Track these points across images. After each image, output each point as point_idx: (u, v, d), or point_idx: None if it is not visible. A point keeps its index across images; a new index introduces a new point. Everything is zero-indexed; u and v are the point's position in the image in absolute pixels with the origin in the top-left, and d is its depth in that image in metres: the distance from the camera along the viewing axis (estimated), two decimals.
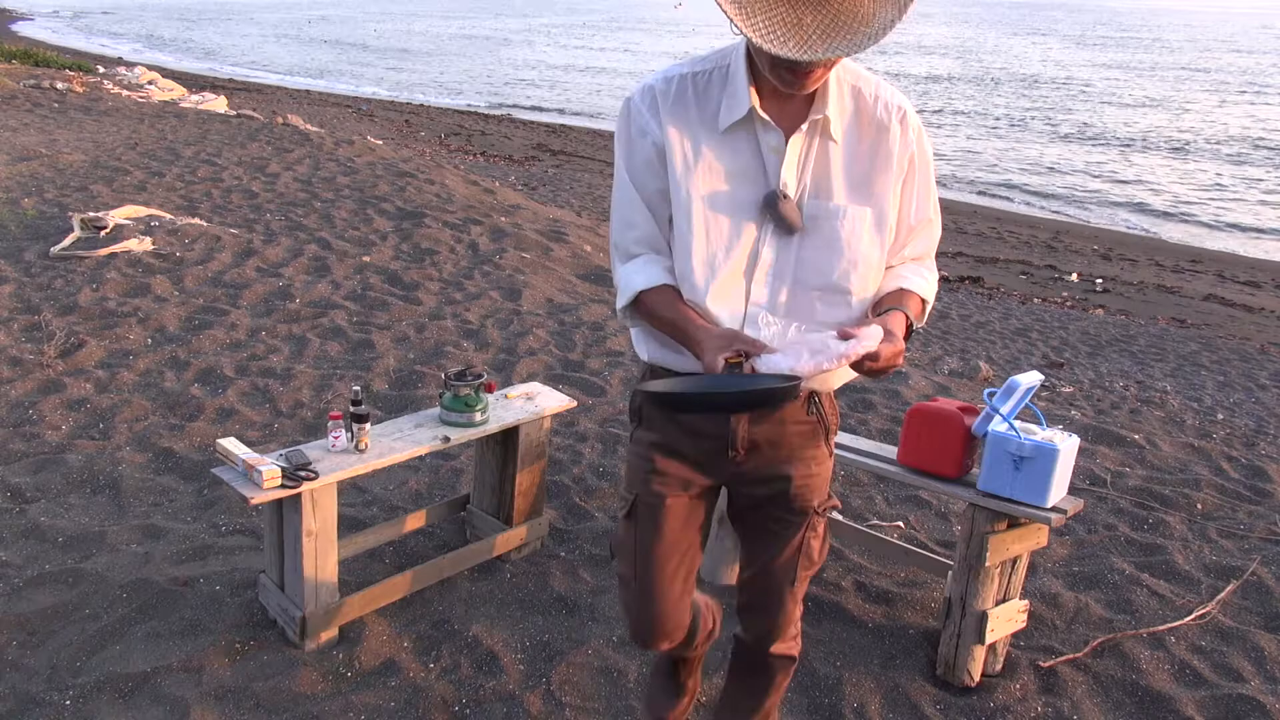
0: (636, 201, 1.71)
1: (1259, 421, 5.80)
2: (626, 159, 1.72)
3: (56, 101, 13.03)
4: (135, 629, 2.71)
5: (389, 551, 3.21)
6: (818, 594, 3.09)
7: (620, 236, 1.76)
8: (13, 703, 2.40)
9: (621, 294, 1.74)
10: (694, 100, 1.67)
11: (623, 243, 1.75)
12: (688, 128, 1.66)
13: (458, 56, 37.78)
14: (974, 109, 27.36)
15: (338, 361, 4.87)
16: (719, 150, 1.66)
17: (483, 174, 12.29)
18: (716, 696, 2.42)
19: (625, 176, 1.72)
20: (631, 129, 1.70)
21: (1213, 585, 3.32)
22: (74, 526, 3.23)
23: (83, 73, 17.87)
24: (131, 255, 6.14)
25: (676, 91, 1.67)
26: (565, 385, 4.70)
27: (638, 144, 1.70)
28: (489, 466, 3.20)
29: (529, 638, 2.80)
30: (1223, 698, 2.71)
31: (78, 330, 4.97)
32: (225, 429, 4.05)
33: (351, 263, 6.42)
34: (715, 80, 1.67)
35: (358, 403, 2.71)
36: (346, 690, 2.54)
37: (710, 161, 1.66)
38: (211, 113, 13.38)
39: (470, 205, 8.21)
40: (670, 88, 1.68)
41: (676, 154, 1.66)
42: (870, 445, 3.00)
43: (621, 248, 1.76)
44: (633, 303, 1.73)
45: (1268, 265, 12.87)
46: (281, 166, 9.20)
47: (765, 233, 1.67)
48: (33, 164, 8.68)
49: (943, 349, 7.61)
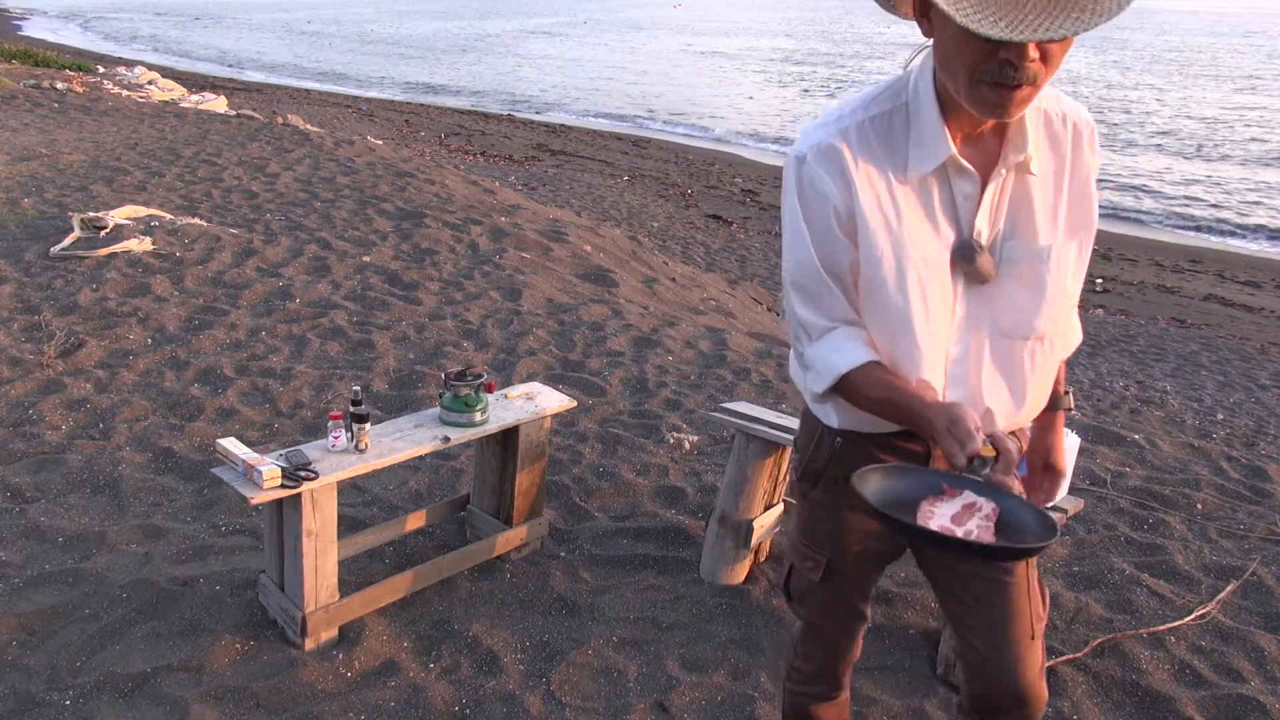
0: (820, 275, 1.51)
1: (1259, 421, 5.80)
2: (808, 228, 1.50)
3: (56, 101, 13.03)
4: (135, 629, 2.71)
5: (389, 551, 3.21)
6: None
7: (806, 314, 1.55)
8: (13, 703, 2.40)
9: (819, 378, 1.54)
10: (879, 149, 1.47)
11: (811, 321, 1.55)
12: (876, 184, 1.47)
13: (458, 56, 37.78)
14: None
15: (338, 361, 4.88)
16: (909, 202, 1.47)
17: (483, 174, 12.30)
18: None
19: (807, 248, 1.50)
20: (809, 193, 1.48)
21: (1213, 585, 3.32)
22: (74, 526, 3.23)
23: (83, 73, 17.87)
24: (131, 255, 6.14)
25: (858, 143, 1.47)
26: (565, 385, 4.70)
27: (817, 210, 1.48)
28: (489, 466, 3.20)
29: (529, 638, 2.80)
30: (1223, 698, 2.71)
31: (78, 330, 4.97)
32: (225, 429, 4.05)
33: (351, 263, 6.42)
34: (896, 124, 1.47)
35: (358, 403, 2.71)
36: (346, 690, 2.54)
37: (902, 216, 1.47)
38: (211, 113, 13.38)
39: (470, 205, 8.21)
40: (850, 141, 1.47)
41: (868, 215, 1.46)
42: None
43: (809, 326, 1.55)
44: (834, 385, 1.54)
45: (1268, 265, 12.87)
46: (281, 166, 9.20)
47: (958, 286, 1.50)
48: (33, 164, 8.68)
49: None
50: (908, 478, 1.48)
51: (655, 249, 9.20)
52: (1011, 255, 1.50)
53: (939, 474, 1.48)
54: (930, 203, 1.48)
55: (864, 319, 1.53)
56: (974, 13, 1.22)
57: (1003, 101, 1.32)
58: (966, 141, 1.47)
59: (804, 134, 1.51)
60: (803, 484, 1.77)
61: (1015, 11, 1.22)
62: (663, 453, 4.07)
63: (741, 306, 7.35)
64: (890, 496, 1.44)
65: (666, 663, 2.72)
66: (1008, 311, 1.52)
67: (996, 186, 1.48)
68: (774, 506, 3.18)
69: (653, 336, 5.47)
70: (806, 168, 1.48)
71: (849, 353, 1.51)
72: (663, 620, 2.92)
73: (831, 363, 1.52)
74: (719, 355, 5.28)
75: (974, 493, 1.44)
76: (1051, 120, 1.50)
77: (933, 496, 1.45)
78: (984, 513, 1.42)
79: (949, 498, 1.45)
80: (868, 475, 1.45)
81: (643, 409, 4.52)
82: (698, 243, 10.90)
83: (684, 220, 12.16)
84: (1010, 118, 1.36)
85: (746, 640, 2.84)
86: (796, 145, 1.51)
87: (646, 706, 2.54)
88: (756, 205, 13.79)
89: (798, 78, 32.71)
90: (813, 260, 1.51)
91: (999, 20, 1.21)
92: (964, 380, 1.54)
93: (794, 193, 1.50)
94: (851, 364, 1.50)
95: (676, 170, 16.17)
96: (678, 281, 7.50)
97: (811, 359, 1.56)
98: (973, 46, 1.29)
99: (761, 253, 10.76)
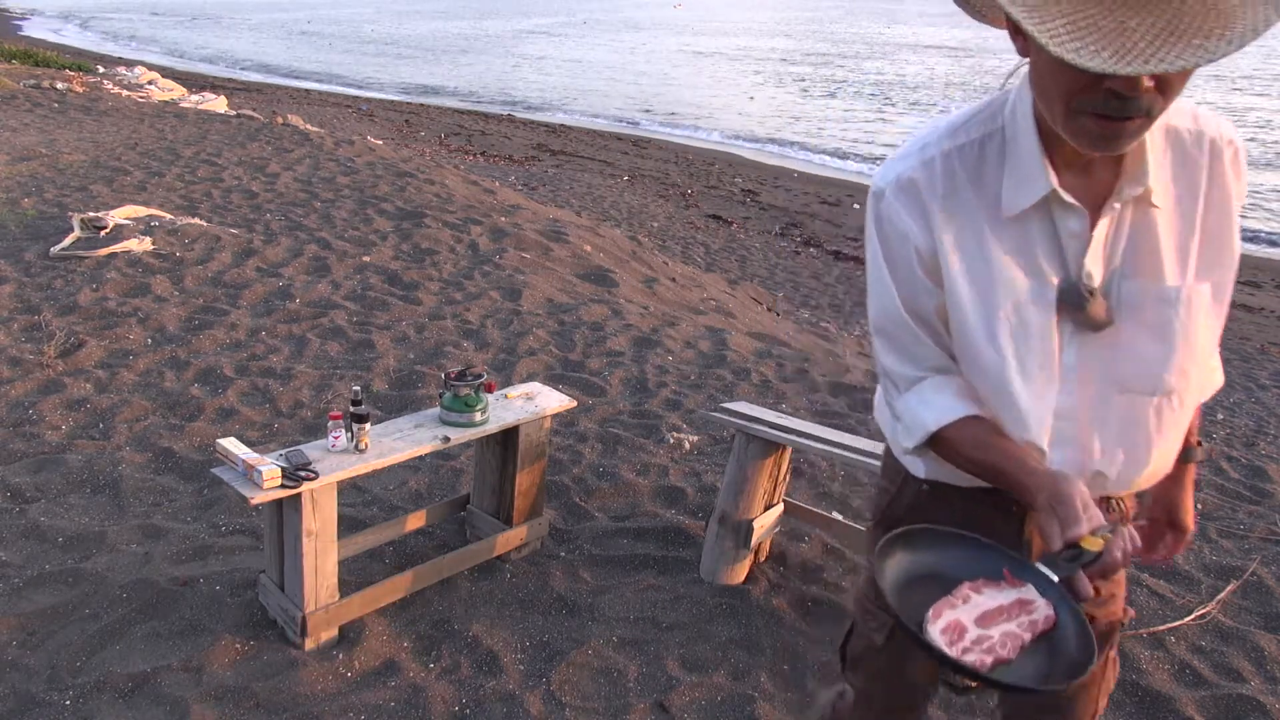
0: (906, 321, 1.36)
1: (1259, 421, 5.80)
2: (889, 269, 1.35)
3: (56, 101, 13.03)
4: (135, 629, 2.71)
5: (389, 551, 3.22)
6: (818, 594, 3.09)
7: (892, 362, 1.40)
8: (13, 703, 2.40)
9: (908, 433, 1.40)
10: (966, 183, 1.30)
11: (898, 371, 1.40)
12: (963, 222, 1.31)
13: (458, 56, 37.78)
14: None
15: (338, 361, 4.88)
16: (1004, 241, 1.30)
17: (483, 174, 12.30)
18: None
19: (889, 291, 1.36)
20: (889, 232, 1.34)
21: (1213, 585, 3.32)
22: (74, 526, 3.23)
23: (83, 73, 17.87)
24: (131, 255, 6.14)
25: (943, 177, 1.30)
26: (565, 385, 4.70)
27: (899, 252, 1.33)
28: (489, 466, 3.20)
29: (529, 638, 2.80)
30: (1223, 698, 2.71)
31: (78, 330, 4.97)
32: (225, 429, 4.05)
33: (351, 263, 6.42)
34: (989, 153, 1.30)
35: (358, 403, 2.71)
36: (346, 690, 2.54)
37: (994, 256, 1.30)
38: (211, 113, 13.37)
39: (470, 205, 8.21)
40: (934, 175, 1.30)
41: (952, 257, 1.31)
42: (870, 445, 3.00)
43: (896, 376, 1.40)
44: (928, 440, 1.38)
45: (1268, 265, 12.87)
46: (281, 166, 9.19)
47: (1065, 332, 1.31)
48: (33, 164, 8.68)
49: None
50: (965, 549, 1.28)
51: (655, 249, 9.20)
52: (1131, 298, 1.29)
53: (1005, 555, 1.26)
54: (1028, 242, 1.29)
55: (961, 367, 1.37)
56: (1069, 39, 1.03)
57: (1108, 135, 1.14)
58: (1073, 170, 1.27)
59: (884, 166, 1.36)
60: (877, 530, 1.61)
61: (1122, 39, 1.02)
62: (663, 453, 4.07)
63: (741, 306, 7.34)
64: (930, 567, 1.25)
65: (666, 663, 2.72)
66: (1128, 363, 1.32)
67: (1109, 223, 1.28)
68: (774, 506, 3.18)
69: (653, 336, 5.47)
70: (885, 204, 1.33)
71: (940, 407, 1.36)
72: (663, 620, 2.92)
73: (920, 418, 1.37)
74: (719, 355, 5.28)
75: (1037, 589, 1.22)
76: (1182, 139, 1.28)
77: (984, 580, 1.24)
78: (1032, 617, 1.21)
79: (1003, 587, 1.24)
80: (913, 536, 1.28)
81: (643, 409, 4.52)
82: (698, 243, 10.90)
83: (684, 220, 12.15)
84: (1118, 152, 1.18)
85: (746, 640, 2.84)
86: (876, 178, 1.36)
87: (646, 706, 2.54)
88: (756, 205, 13.79)
89: (798, 78, 32.72)
90: (896, 305, 1.36)
91: (1101, 50, 1.01)
92: (1071, 439, 1.34)
93: (874, 231, 1.36)
94: (942, 420, 1.35)
95: (676, 170, 16.17)
96: (678, 281, 7.50)
97: (900, 411, 1.41)
98: (1070, 74, 1.10)
99: (761, 253, 10.76)
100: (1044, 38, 1.03)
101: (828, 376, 5.08)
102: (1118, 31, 1.02)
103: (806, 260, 10.67)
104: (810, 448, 2.94)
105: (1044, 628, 1.20)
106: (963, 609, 1.21)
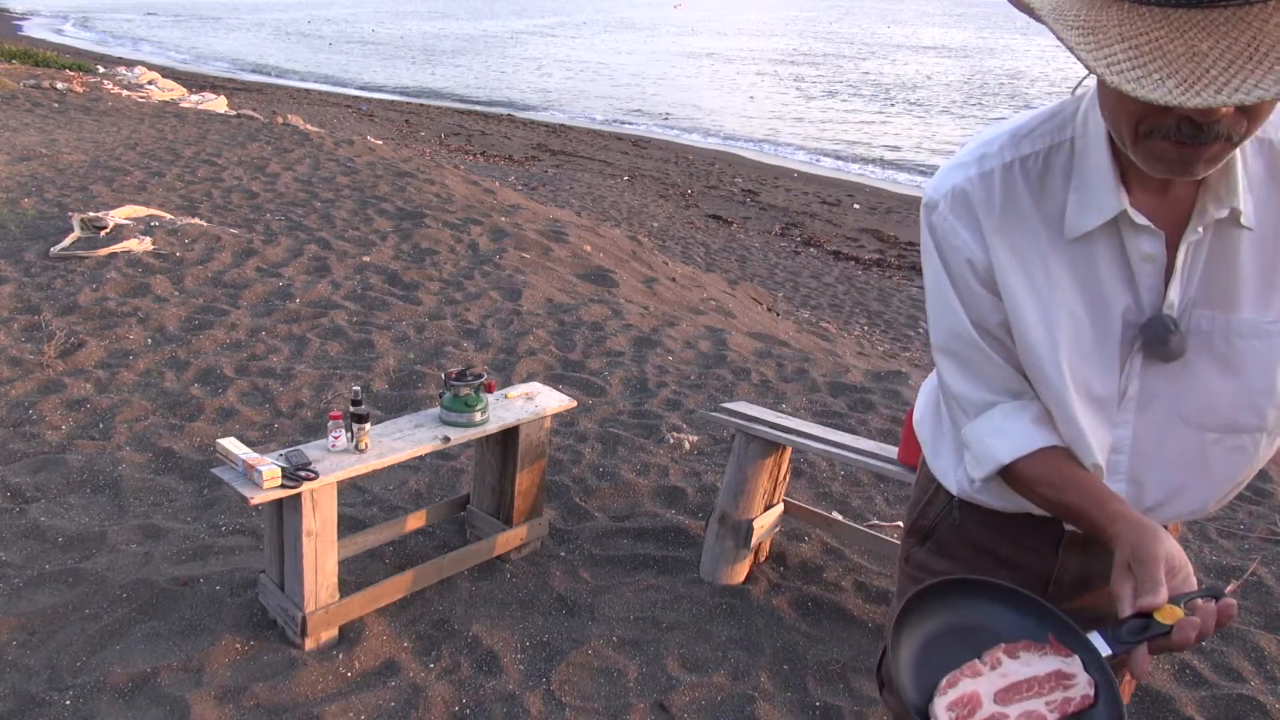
0: (973, 339, 1.24)
1: None
2: (951, 284, 1.24)
3: (56, 101, 13.03)
4: (135, 629, 2.71)
5: (389, 551, 3.22)
6: (818, 594, 3.09)
7: (959, 385, 1.28)
8: (13, 703, 2.40)
9: (977, 464, 1.28)
10: (1027, 197, 1.19)
11: (965, 395, 1.28)
12: (1022, 239, 1.20)
13: (458, 56, 37.78)
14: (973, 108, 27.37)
15: (338, 361, 4.88)
16: (1067, 262, 1.18)
17: (483, 174, 12.30)
18: None
19: (952, 307, 1.25)
20: (943, 247, 1.23)
21: (1213, 585, 3.32)
22: (74, 526, 3.23)
23: (83, 73, 17.87)
24: (131, 255, 6.14)
25: (1002, 191, 1.19)
26: (565, 385, 4.70)
27: (955, 267, 1.23)
28: (489, 466, 3.20)
29: (529, 638, 2.80)
30: (1223, 698, 2.71)
31: (78, 330, 4.97)
32: (225, 429, 4.05)
33: (351, 263, 6.42)
34: (1055, 164, 1.18)
35: (358, 403, 2.71)
36: (346, 690, 2.54)
37: (1057, 277, 1.19)
38: (211, 113, 13.38)
39: (470, 205, 8.21)
40: (991, 188, 1.19)
41: (1012, 275, 1.20)
42: (870, 445, 3.00)
43: (964, 400, 1.28)
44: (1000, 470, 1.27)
45: None
46: (281, 166, 9.20)
47: (1131, 360, 1.20)
48: (33, 164, 8.68)
49: None
50: (1009, 605, 1.12)
51: (655, 249, 9.20)
52: (1211, 327, 1.17)
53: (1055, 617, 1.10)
54: (1093, 264, 1.18)
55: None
56: (1128, 66, 0.92)
57: (1184, 159, 1.02)
58: (1148, 189, 1.14)
59: (940, 175, 1.25)
60: (909, 539, 1.53)
61: (1191, 65, 0.90)
62: (663, 453, 4.07)
63: (741, 306, 7.35)
64: (965, 619, 1.11)
65: (666, 663, 2.72)
66: (1194, 395, 1.20)
67: (1190, 248, 1.15)
68: (774, 506, 3.18)
69: (653, 336, 5.47)
70: (938, 216, 1.23)
71: (1013, 436, 1.23)
72: (663, 620, 2.92)
73: (991, 449, 1.25)
74: (719, 355, 5.29)
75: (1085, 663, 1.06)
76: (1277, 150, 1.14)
77: (1027, 642, 1.09)
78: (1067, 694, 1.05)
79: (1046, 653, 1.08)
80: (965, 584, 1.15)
81: (643, 409, 4.52)
82: (698, 243, 10.90)
83: (684, 220, 12.16)
84: (1194, 178, 1.06)
85: (746, 640, 2.84)
86: (929, 189, 1.25)
87: (646, 706, 2.54)
88: (756, 205, 13.79)
89: (797, 77, 32.72)
90: (963, 322, 1.24)
91: (1166, 79, 0.90)
92: (1123, 472, 1.25)
93: (931, 246, 1.25)
94: (1016, 452, 1.23)
95: (676, 170, 16.17)
96: (678, 281, 7.50)
97: (969, 439, 1.29)
98: (1135, 100, 0.97)
99: (761, 253, 10.76)
100: (1100, 66, 0.93)
101: (828, 376, 5.08)
102: (1187, 57, 0.90)
103: (806, 260, 10.67)
104: (810, 448, 2.94)
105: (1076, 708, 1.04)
106: (987, 678, 1.06)
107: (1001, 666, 1.06)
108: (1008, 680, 1.05)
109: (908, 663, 1.08)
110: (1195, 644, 1.03)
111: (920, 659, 1.08)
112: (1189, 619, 1.02)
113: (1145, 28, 0.93)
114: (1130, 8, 0.95)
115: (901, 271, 10.52)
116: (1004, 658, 1.07)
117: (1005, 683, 1.05)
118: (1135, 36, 0.93)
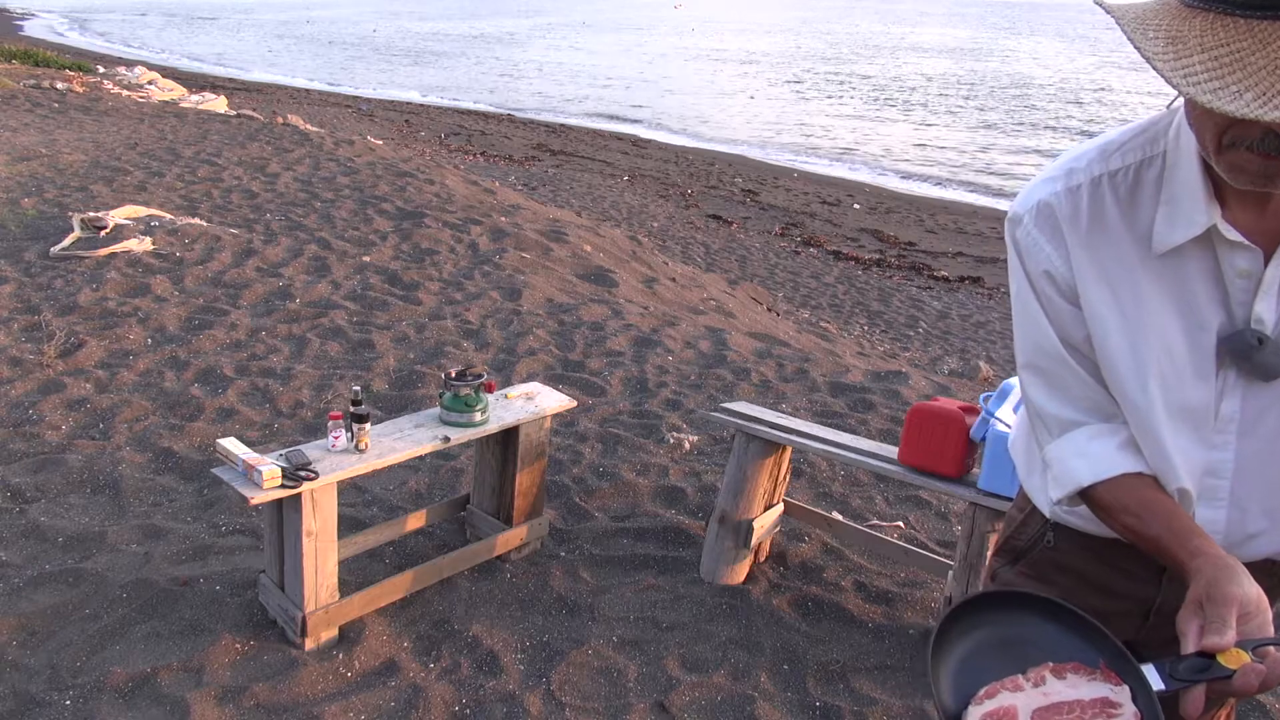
0: (1061, 355, 1.22)
1: None
2: (1037, 299, 1.22)
3: (56, 101, 13.03)
4: (135, 629, 2.71)
5: (389, 551, 3.22)
6: (818, 594, 3.09)
7: (1044, 402, 1.25)
8: (13, 703, 2.40)
9: (1057, 484, 1.25)
10: (1116, 213, 1.16)
11: (1050, 412, 1.25)
12: (1110, 254, 1.17)
13: (458, 56, 37.77)
14: (973, 109, 27.37)
15: (338, 361, 4.88)
16: (1157, 278, 1.16)
17: (483, 174, 12.30)
18: None
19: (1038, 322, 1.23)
20: (1026, 260, 1.22)
21: None
22: (74, 526, 3.23)
23: (83, 73, 17.88)
24: (131, 255, 6.14)
25: (1090, 207, 1.17)
26: (565, 385, 4.70)
27: (1040, 284, 1.21)
28: (489, 466, 3.20)
29: (529, 638, 2.80)
30: None
31: (78, 330, 4.97)
32: (225, 429, 4.05)
33: (351, 263, 6.42)
34: (1146, 181, 1.16)
35: (358, 403, 2.71)
36: (346, 690, 2.54)
37: (1146, 294, 1.16)
38: (211, 113, 13.38)
39: (470, 205, 8.21)
40: (1079, 203, 1.17)
41: (1097, 291, 1.18)
42: (871, 445, 3.00)
43: (1048, 418, 1.25)
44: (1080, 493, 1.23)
45: None
46: (281, 166, 9.20)
47: (1225, 380, 1.17)
48: (33, 164, 8.68)
49: (943, 349, 7.62)
50: (1062, 625, 1.08)
51: (655, 249, 9.20)
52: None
53: (1109, 643, 1.06)
54: (1184, 280, 1.15)
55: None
56: (1207, 78, 0.90)
57: (1267, 172, 0.99)
58: (1246, 204, 1.11)
59: (1028, 189, 1.23)
60: (998, 558, 1.47)
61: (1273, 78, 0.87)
62: (663, 453, 4.07)
63: (741, 306, 7.35)
64: (1015, 633, 1.08)
65: (666, 663, 2.72)
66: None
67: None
68: (774, 506, 3.18)
69: (653, 336, 5.47)
70: (1021, 230, 1.21)
71: (1096, 458, 1.20)
72: (663, 620, 2.92)
73: (1073, 470, 1.22)
74: (719, 355, 5.28)
75: (1134, 694, 1.02)
76: None
77: (1076, 664, 1.05)
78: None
79: (1095, 678, 1.04)
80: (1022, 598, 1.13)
81: (643, 409, 4.52)
82: (698, 243, 10.90)
83: (684, 220, 12.15)
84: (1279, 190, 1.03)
85: (746, 640, 2.84)
86: (1016, 203, 1.23)
87: (646, 706, 2.54)
88: (756, 205, 13.79)
89: (797, 77, 32.73)
90: (1050, 337, 1.21)
91: (1244, 91, 0.88)
92: (1222, 498, 1.21)
93: (1016, 261, 1.23)
94: (1098, 476, 1.19)
95: (676, 170, 16.17)
96: (678, 281, 7.50)
97: (1051, 458, 1.26)
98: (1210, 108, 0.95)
99: (761, 253, 10.76)
100: (1177, 76, 0.91)
101: (828, 376, 5.08)
102: (1269, 69, 0.89)
103: (806, 260, 10.67)
104: (810, 448, 2.94)
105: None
106: (1027, 694, 1.02)
107: (1045, 685, 1.03)
108: (1049, 700, 1.02)
109: (949, 668, 1.06)
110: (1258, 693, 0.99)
111: (962, 666, 1.07)
112: (1254, 665, 0.97)
113: (1228, 38, 0.92)
114: (1215, 18, 0.94)
115: (901, 271, 10.53)
116: (1050, 676, 1.04)
117: (1046, 702, 1.02)
118: (1217, 47, 0.92)
